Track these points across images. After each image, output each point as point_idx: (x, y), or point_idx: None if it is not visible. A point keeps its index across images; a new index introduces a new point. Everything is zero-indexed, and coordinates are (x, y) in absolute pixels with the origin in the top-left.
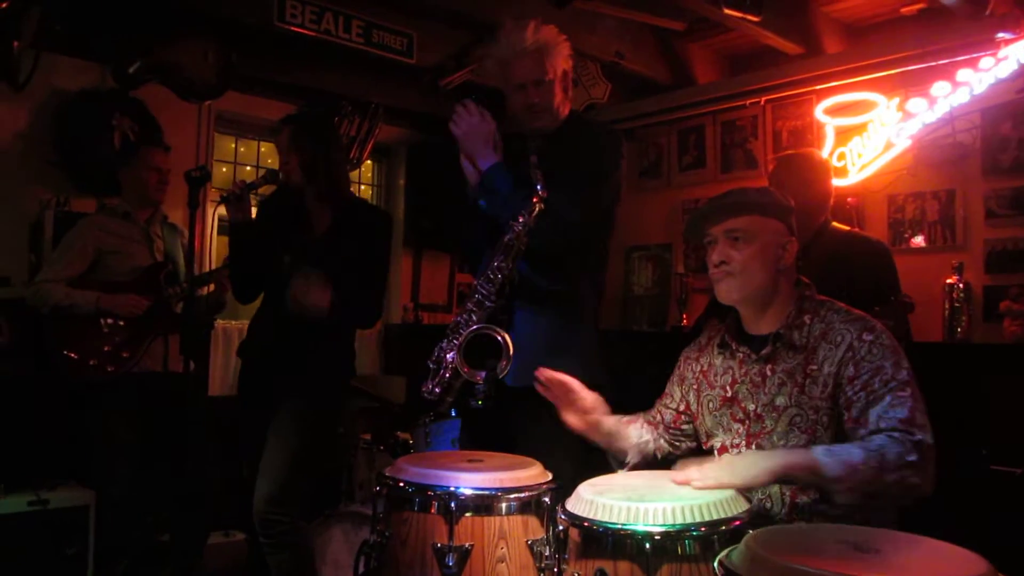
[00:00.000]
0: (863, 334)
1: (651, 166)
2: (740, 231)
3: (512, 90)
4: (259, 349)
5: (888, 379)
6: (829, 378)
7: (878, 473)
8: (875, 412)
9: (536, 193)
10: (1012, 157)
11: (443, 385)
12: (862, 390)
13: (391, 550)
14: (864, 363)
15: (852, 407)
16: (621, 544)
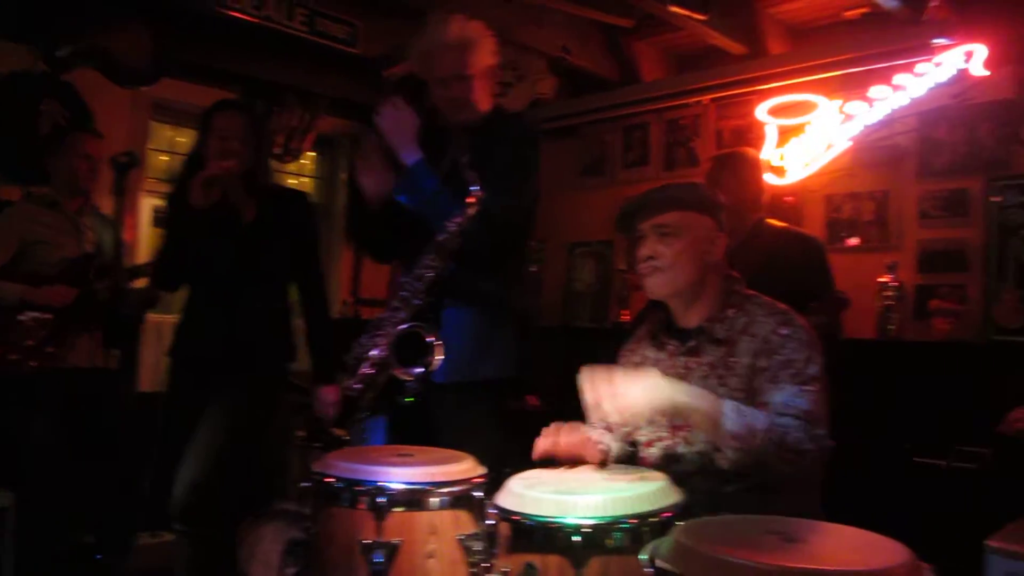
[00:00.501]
0: (780, 327)
1: (595, 163)
2: (668, 226)
3: (434, 83)
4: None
5: (796, 373)
6: (746, 369)
7: (774, 448)
8: (778, 398)
9: (472, 194)
10: (946, 160)
11: (365, 381)
12: (769, 380)
13: (318, 548)
14: (776, 356)
15: (760, 395)
16: (551, 537)
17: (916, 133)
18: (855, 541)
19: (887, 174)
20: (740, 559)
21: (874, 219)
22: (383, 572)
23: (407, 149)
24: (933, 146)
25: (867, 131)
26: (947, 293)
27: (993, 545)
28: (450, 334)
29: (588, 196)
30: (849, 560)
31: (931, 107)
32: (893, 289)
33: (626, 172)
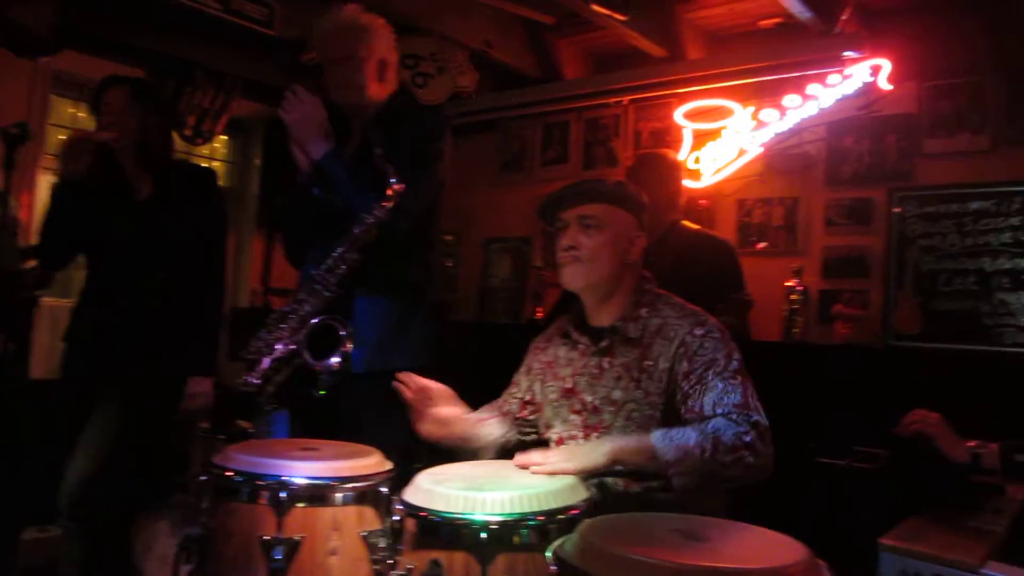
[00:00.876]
0: (695, 328)
1: (514, 159)
2: (593, 218)
3: (326, 65)
4: (88, 333)
5: (721, 370)
6: (664, 373)
7: (713, 455)
8: (710, 399)
9: (390, 185)
10: (852, 169)
11: (264, 375)
12: (697, 383)
13: (215, 544)
14: (697, 357)
15: (688, 399)
16: (457, 534)
17: (824, 142)
18: (755, 540)
19: (797, 181)
20: (643, 557)
21: (783, 224)
22: (283, 569)
23: (315, 141)
24: (840, 156)
25: (778, 138)
26: (849, 299)
27: (886, 543)
28: (363, 324)
29: (506, 192)
30: (748, 558)
31: (839, 118)
32: (798, 293)
33: (545, 169)
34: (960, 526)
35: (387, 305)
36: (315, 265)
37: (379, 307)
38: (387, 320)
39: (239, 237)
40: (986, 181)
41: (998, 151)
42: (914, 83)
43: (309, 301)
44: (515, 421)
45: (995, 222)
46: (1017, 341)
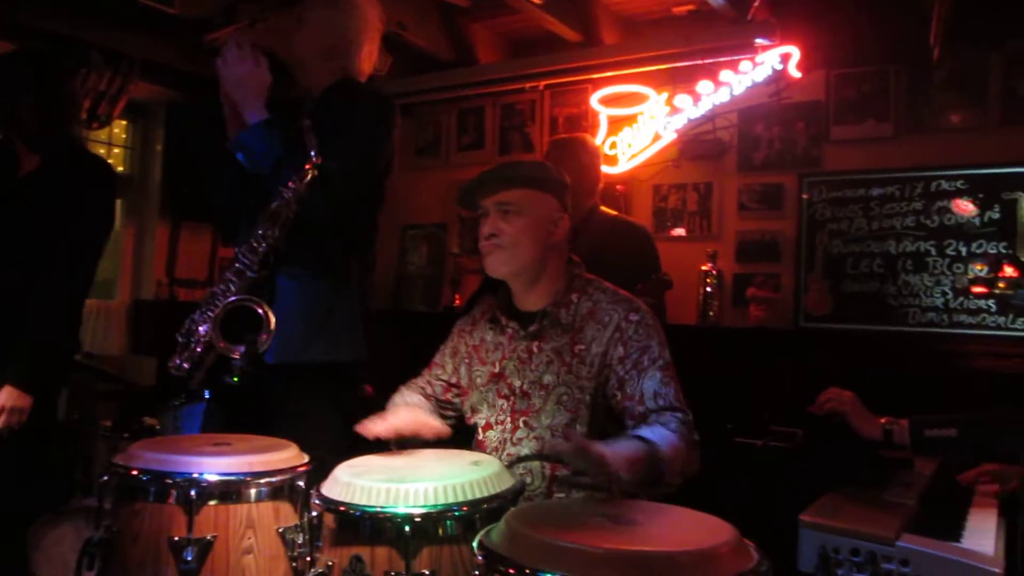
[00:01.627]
0: (629, 314)
1: (429, 144)
2: (511, 204)
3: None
4: None
5: (656, 357)
6: (596, 358)
7: (687, 453)
8: (649, 387)
9: (310, 159)
10: (763, 156)
11: (193, 360)
12: (633, 368)
13: (120, 547)
14: (632, 342)
15: (625, 385)
16: (379, 528)
17: (736, 129)
18: (682, 521)
19: (710, 167)
20: (572, 543)
21: (698, 209)
22: (194, 571)
23: (253, 105)
24: (752, 142)
25: (692, 124)
26: (762, 282)
27: (806, 520)
28: (283, 311)
29: (422, 177)
30: (677, 540)
31: (751, 104)
32: (713, 277)
33: (460, 155)
34: (874, 501)
35: (311, 293)
36: (241, 244)
37: (300, 293)
38: (310, 309)
39: (141, 226)
40: (890, 167)
41: (901, 138)
42: (822, 71)
43: (235, 282)
44: (438, 403)
45: (899, 207)
46: (920, 321)
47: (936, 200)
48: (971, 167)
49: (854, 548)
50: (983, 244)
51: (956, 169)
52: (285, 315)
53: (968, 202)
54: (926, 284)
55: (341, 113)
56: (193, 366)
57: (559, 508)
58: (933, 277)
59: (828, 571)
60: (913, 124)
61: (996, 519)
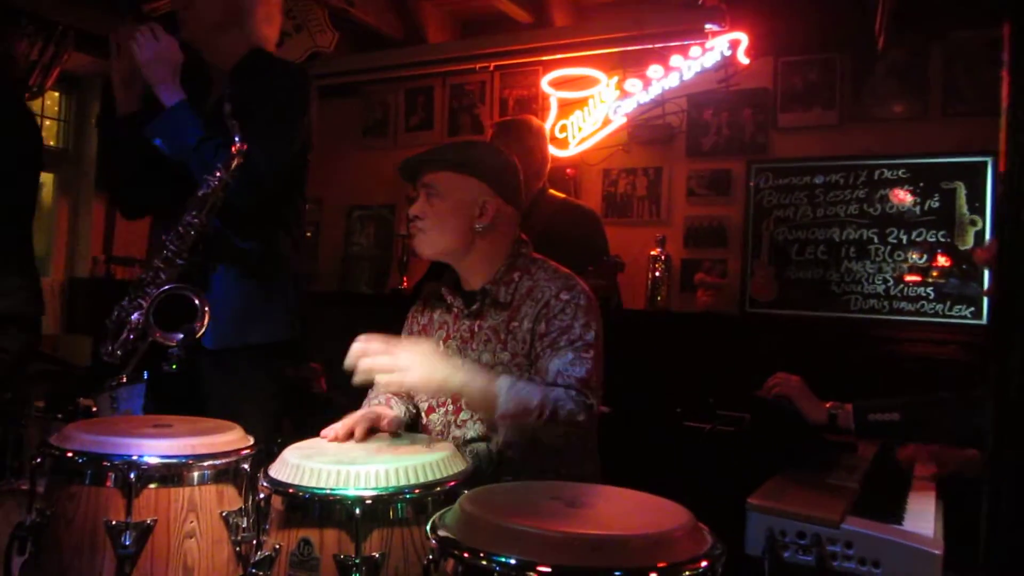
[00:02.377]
0: (561, 292)
1: (377, 124)
2: (433, 186)
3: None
4: None
5: (575, 338)
6: (527, 334)
7: (547, 421)
8: (555, 365)
9: (235, 144)
10: (711, 141)
11: (125, 348)
12: (549, 346)
13: (53, 531)
14: (555, 320)
15: (538, 361)
16: (329, 510)
17: (686, 114)
18: (638, 504)
19: (660, 152)
20: (526, 527)
21: (647, 194)
22: (133, 556)
23: (168, 87)
24: (700, 128)
25: (641, 109)
26: (710, 267)
27: (753, 503)
28: (217, 297)
29: (369, 158)
30: (632, 524)
31: (700, 90)
32: (662, 262)
33: (409, 135)
34: (819, 484)
35: (244, 276)
36: (168, 230)
37: (234, 279)
38: (245, 292)
39: (76, 202)
40: (835, 155)
41: (845, 127)
42: (769, 58)
43: (164, 269)
44: (407, 394)
45: (843, 194)
46: (862, 307)
47: (879, 188)
48: (913, 156)
49: (800, 531)
50: (923, 232)
51: (898, 158)
52: (220, 300)
53: (908, 191)
54: (868, 271)
55: (255, 93)
56: (126, 354)
57: (513, 491)
58: (875, 264)
59: (775, 554)
60: (857, 112)
61: (935, 501)
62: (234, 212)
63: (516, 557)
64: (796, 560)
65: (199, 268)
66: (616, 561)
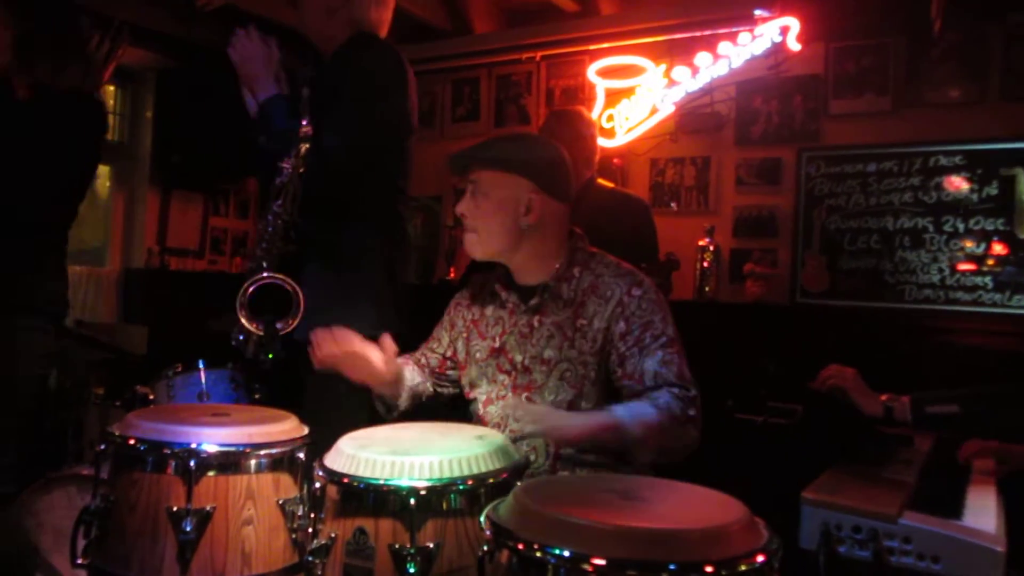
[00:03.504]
0: (632, 289)
1: (423, 116)
2: (478, 184)
3: None
4: None
5: (659, 334)
6: (599, 333)
7: (669, 430)
8: (650, 366)
9: (301, 128)
10: (761, 129)
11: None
12: (635, 345)
13: (117, 516)
14: (634, 318)
15: (626, 362)
16: (383, 500)
17: (735, 102)
18: (692, 497)
19: (708, 140)
20: (582, 519)
21: (695, 184)
22: (193, 541)
23: (263, 83)
24: (750, 115)
25: (689, 97)
26: (759, 257)
27: (808, 497)
28: (307, 287)
29: (416, 149)
30: (687, 517)
31: (749, 77)
32: (711, 253)
33: (456, 127)
34: (874, 478)
35: (326, 267)
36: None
37: (317, 269)
38: (327, 283)
39: (131, 194)
40: (889, 142)
41: (899, 112)
42: (820, 44)
43: (263, 258)
44: (434, 375)
45: (897, 182)
46: (917, 297)
47: (934, 176)
48: (969, 142)
49: (856, 525)
50: (980, 220)
51: (954, 144)
52: (309, 291)
53: (965, 178)
54: (923, 261)
55: (340, 78)
56: (246, 338)
57: (568, 484)
58: (930, 253)
59: (830, 548)
60: (912, 98)
61: (995, 497)
62: (314, 201)
63: (571, 549)
64: (852, 555)
65: (295, 256)
66: (671, 554)
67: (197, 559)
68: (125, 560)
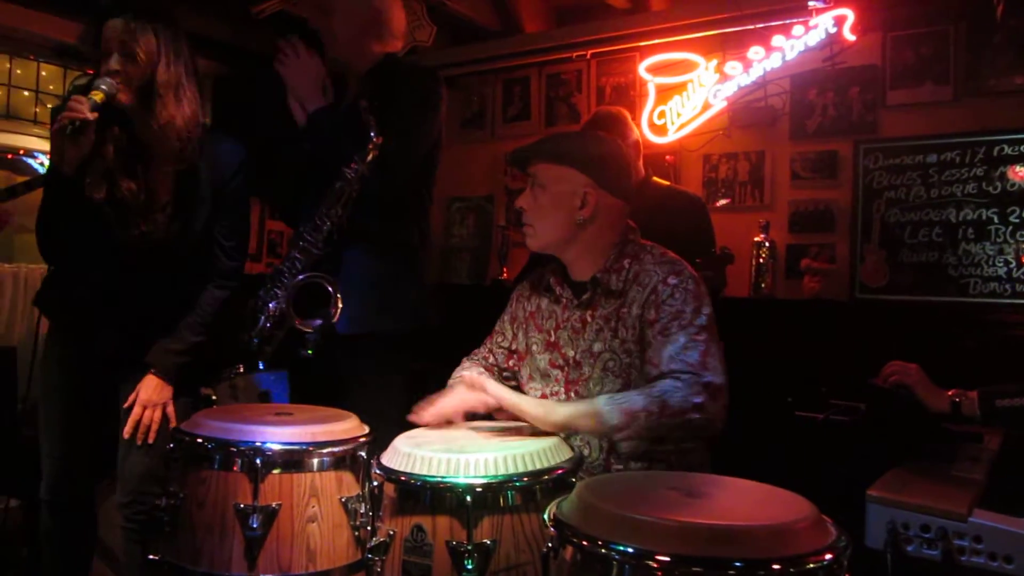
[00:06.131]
0: (668, 277)
1: (475, 116)
2: (537, 178)
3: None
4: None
5: (686, 323)
6: (636, 320)
7: (659, 417)
8: (667, 352)
9: (371, 140)
10: (816, 123)
11: (263, 335)
12: (660, 332)
13: (186, 512)
14: (665, 306)
15: (649, 349)
16: (440, 498)
17: (789, 95)
18: (757, 495)
19: (762, 135)
20: (643, 516)
21: (749, 179)
22: (260, 538)
23: (311, 95)
24: (805, 109)
25: (742, 92)
26: (817, 253)
27: (874, 495)
28: (348, 283)
29: (468, 149)
30: (752, 514)
31: (803, 70)
32: (766, 248)
33: (506, 127)
34: (942, 475)
35: (374, 264)
36: (306, 222)
37: (366, 266)
38: (374, 280)
39: None
40: (950, 132)
41: (961, 102)
42: (877, 34)
43: (299, 259)
44: (500, 373)
45: (959, 173)
46: (982, 291)
47: (999, 165)
48: None
49: (924, 524)
50: None
51: (1019, 133)
52: (352, 288)
53: None
54: (988, 253)
55: (391, 93)
56: (263, 340)
57: (630, 481)
58: (996, 246)
59: (897, 547)
60: (974, 86)
61: None
62: (367, 204)
63: (634, 546)
64: (921, 554)
65: (331, 258)
66: (737, 552)
67: (264, 555)
68: (194, 556)
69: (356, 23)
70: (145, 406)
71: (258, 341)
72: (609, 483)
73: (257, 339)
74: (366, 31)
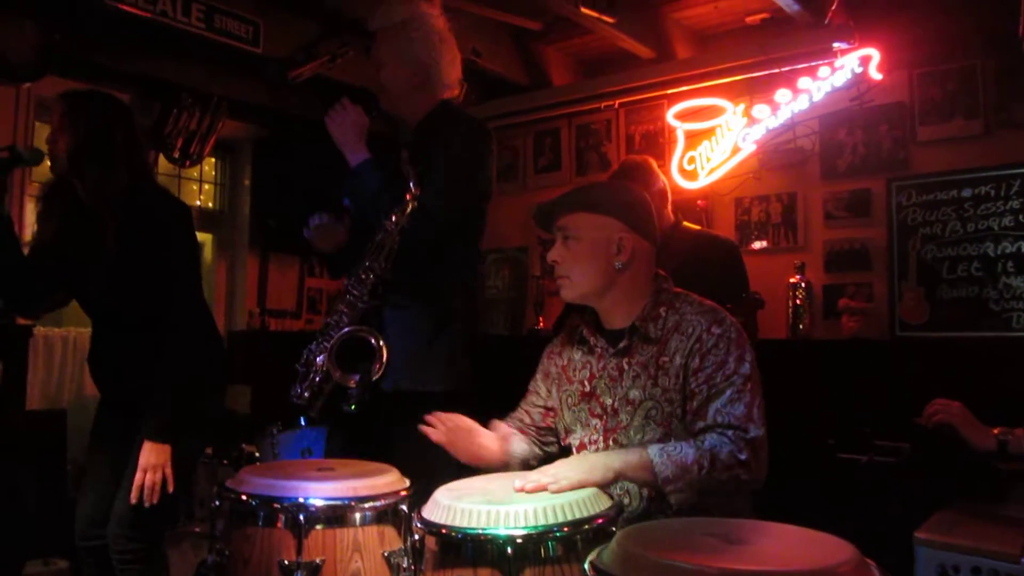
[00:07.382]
0: (712, 327)
1: (506, 168)
2: (569, 229)
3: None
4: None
5: (731, 373)
6: (680, 369)
7: (710, 472)
8: (714, 407)
9: (409, 191)
10: (847, 162)
11: (312, 389)
12: (704, 383)
13: (232, 570)
14: (709, 356)
15: (694, 399)
16: (481, 550)
17: (818, 136)
18: (797, 539)
19: (793, 176)
20: (684, 563)
21: (782, 220)
22: None
23: (354, 148)
24: (835, 148)
25: (771, 134)
26: (854, 292)
27: (921, 537)
28: (392, 338)
29: (501, 202)
30: (795, 560)
31: (832, 110)
32: (803, 289)
33: (538, 177)
34: (991, 516)
35: (415, 320)
36: (351, 276)
37: (407, 322)
38: (416, 337)
39: (232, 260)
40: (983, 166)
41: (992, 135)
42: (904, 71)
43: (347, 313)
44: (538, 432)
45: (995, 206)
46: None
47: None
48: None
49: (975, 566)
50: None
51: None
52: (394, 344)
53: None
54: None
55: (437, 143)
56: (313, 395)
57: (669, 528)
58: None
59: None
60: (1004, 119)
61: None
62: (410, 258)
63: None
64: None
65: (377, 311)
66: None
67: None
68: None
69: (403, 76)
70: (145, 470)
71: (308, 395)
72: (649, 531)
73: (307, 393)
74: (414, 84)
